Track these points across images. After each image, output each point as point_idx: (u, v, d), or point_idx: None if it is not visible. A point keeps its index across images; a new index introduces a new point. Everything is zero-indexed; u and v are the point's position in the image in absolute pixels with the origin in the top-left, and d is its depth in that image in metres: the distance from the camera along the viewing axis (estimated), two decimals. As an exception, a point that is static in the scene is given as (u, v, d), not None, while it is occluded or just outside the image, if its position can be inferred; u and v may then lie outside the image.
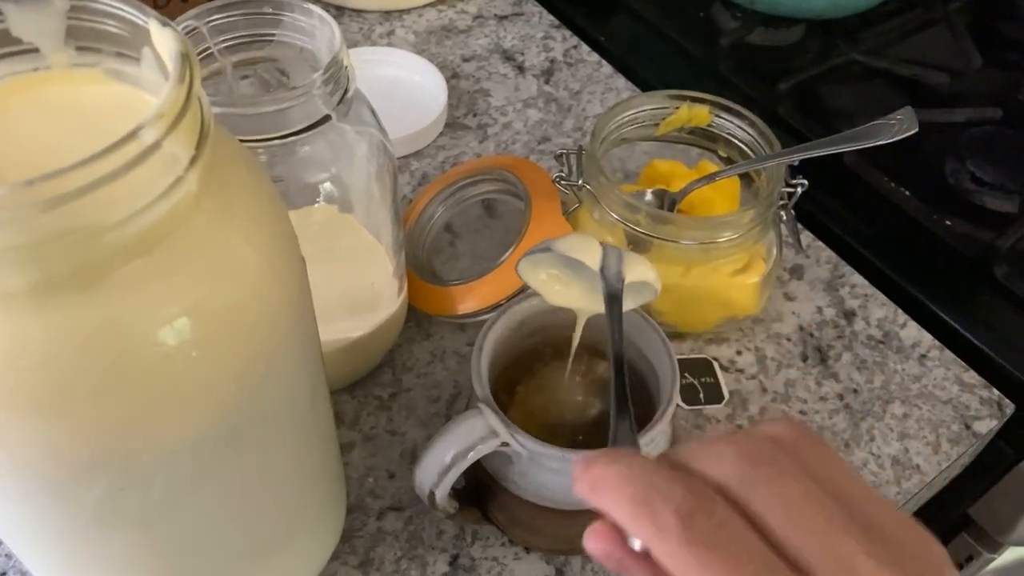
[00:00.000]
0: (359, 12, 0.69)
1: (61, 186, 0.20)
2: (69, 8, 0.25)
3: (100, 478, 0.25)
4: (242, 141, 0.33)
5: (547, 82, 0.65)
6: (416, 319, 0.49)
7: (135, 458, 0.25)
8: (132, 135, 0.21)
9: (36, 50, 0.26)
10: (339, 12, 0.69)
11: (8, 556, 0.40)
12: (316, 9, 0.36)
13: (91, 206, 0.20)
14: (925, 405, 0.48)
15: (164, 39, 0.24)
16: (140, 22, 0.25)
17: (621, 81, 0.65)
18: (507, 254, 0.47)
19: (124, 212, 0.21)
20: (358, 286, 0.44)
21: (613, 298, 0.34)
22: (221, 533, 0.31)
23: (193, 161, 0.23)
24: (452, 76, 0.65)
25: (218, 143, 0.25)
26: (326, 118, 0.35)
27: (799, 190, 0.46)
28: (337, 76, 0.35)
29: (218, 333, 0.24)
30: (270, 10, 0.36)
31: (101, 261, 0.22)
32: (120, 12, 0.25)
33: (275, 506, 0.33)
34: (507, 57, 0.67)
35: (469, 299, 0.47)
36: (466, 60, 0.66)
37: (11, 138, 0.25)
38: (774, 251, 0.48)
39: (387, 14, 0.70)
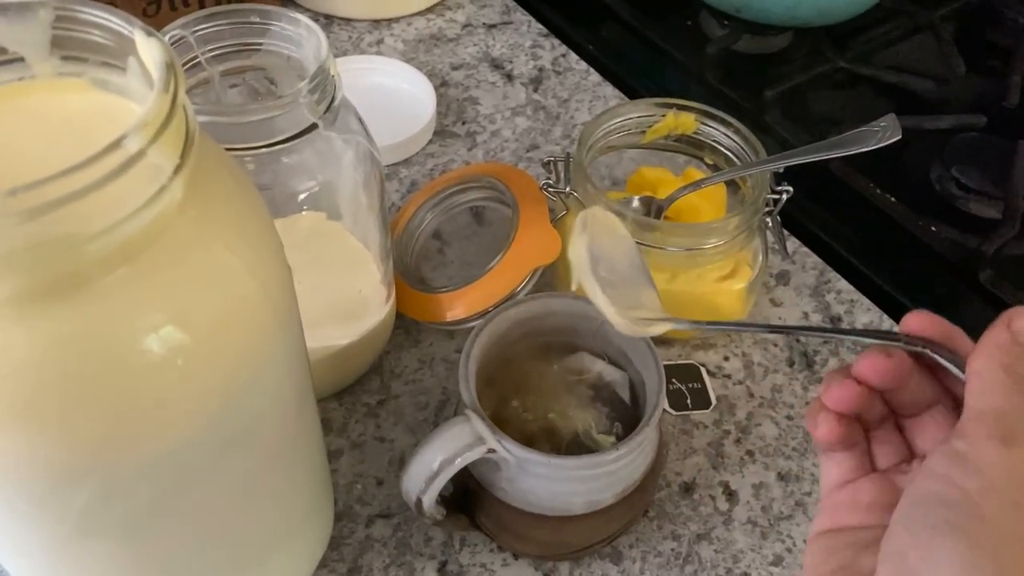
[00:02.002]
0: (348, 21, 0.70)
1: (44, 195, 0.20)
2: (54, 18, 0.25)
3: (83, 487, 0.25)
4: (229, 149, 0.33)
5: (536, 90, 0.65)
6: (404, 326, 0.50)
7: (118, 467, 0.25)
8: (116, 144, 0.21)
9: (21, 59, 0.26)
10: (328, 21, 0.69)
11: (-6, 566, 0.40)
12: (303, 18, 0.36)
13: (74, 215, 0.20)
14: (911, 410, 0.48)
15: (149, 49, 0.24)
16: (125, 32, 0.25)
17: (609, 89, 0.66)
18: (495, 261, 0.47)
19: (108, 221, 0.21)
20: (346, 293, 0.44)
21: None
22: (206, 542, 0.31)
23: (177, 170, 0.23)
24: (441, 84, 0.65)
25: (203, 152, 0.25)
26: (312, 126, 0.36)
27: (784, 197, 0.47)
28: (323, 85, 0.35)
29: (202, 341, 0.24)
30: (257, 19, 0.36)
31: (84, 270, 0.22)
32: (105, 22, 0.25)
33: (261, 514, 0.33)
34: (496, 65, 0.67)
35: (457, 306, 0.47)
36: (455, 68, 0.67)
37: (-4, 147, 0.25)
38: (760, 257, 0.48)
39: (376, 23, 0.70)
